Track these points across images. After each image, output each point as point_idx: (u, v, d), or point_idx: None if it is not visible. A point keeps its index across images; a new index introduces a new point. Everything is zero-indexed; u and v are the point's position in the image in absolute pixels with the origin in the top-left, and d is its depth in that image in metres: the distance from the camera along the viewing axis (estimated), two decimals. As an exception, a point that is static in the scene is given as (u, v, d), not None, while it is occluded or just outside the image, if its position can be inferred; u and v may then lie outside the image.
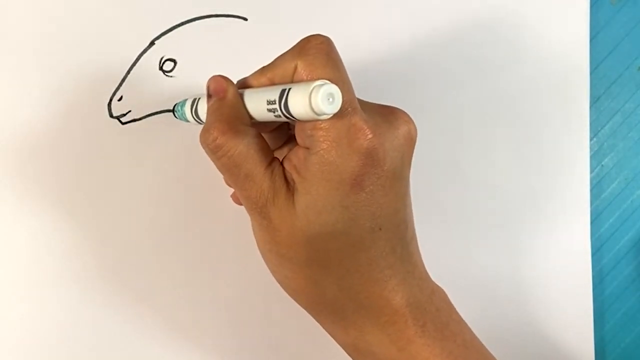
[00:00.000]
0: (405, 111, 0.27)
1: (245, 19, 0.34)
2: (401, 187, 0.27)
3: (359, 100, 0.26)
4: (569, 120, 0.38)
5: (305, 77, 0.25)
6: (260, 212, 0.27)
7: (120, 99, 0.33)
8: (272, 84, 0.27)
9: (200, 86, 0.33)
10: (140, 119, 0.33)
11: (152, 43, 0.33)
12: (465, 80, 0.37)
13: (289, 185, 0.27)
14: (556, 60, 0.38)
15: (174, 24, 0.33)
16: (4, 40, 0.32)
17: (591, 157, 0.39)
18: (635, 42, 0.40)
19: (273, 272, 0.29)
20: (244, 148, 0.26)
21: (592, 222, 0.39)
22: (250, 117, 0.27)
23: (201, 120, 0.31)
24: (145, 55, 0.33)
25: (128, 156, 0.33)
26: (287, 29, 0.34)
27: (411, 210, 0.28)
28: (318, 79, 0.24)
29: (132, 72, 0.33)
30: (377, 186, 0.26)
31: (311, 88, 0.23)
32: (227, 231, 0.35)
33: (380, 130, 0.26)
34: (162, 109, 0.33)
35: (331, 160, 0.25)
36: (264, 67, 0.28)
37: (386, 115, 0.27)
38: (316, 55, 0.25)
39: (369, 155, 0.25)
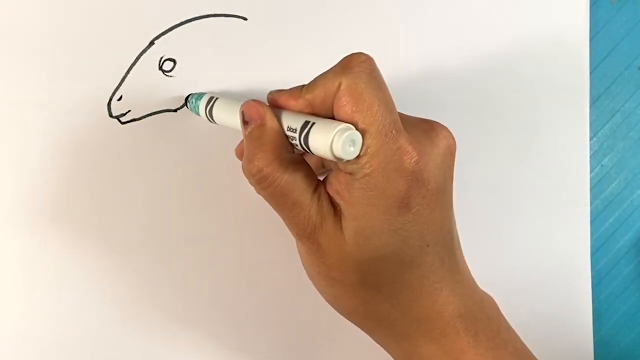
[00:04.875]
0: (444, 125, 0.27)
1: (245, 19, 0.34)
2: (445, 202, 0.27)
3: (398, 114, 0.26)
4: (569, 120, 0.38)
5: (348, 100, 0.25)
6: (309, 238, 0.26)
7: (120, 99, 0.33)
8: (312, 106, 0.26)
9: (200, 86, 0.33)
10: (140, 119, 0.33)
11: (152, 43, 0.33)
12: (465, 80, 0.37)
13: (336, 210, 0.26)
14: (556, 60, 0.38)
15: (174, 24, 0.33)
16: (3, 40, 0.32)
17: (591, 157, 0.39)
18: (635, 42, 0.40)
19: (322, 292, 0.29)
20: (290, 177, 0.26)
21: (592, 222, 0.39)
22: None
23: (213, 121, 0.31)
24: (145, 55, 0.33)
25: (128, 156, 0.33)
26: (287, 29, 0.34)
27: (454, 219, 0.28)
28: (357, 110, 0.24)
29: (132, 72, 0.33)
30: (424, 206, 0.26)
31: (334, 132, 0.24)
32: (228, 231, 0.35)
33: (424, 150, 0.26)
34: (162, 109, 0.33)
35: (377, 185, 0.25)
36: (302, 87, 0.27)
37: (427, 132, 0.27)
38: (359, 73, 0.25)
39: (414, 178, 0.25)
